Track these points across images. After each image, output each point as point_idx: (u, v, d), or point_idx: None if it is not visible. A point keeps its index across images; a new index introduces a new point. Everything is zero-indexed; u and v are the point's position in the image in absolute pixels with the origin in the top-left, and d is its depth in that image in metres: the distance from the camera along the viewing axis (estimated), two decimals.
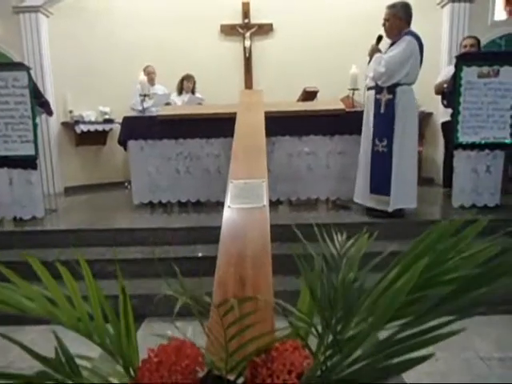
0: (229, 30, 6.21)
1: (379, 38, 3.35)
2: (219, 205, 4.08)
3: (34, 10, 5.04)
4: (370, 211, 3.50)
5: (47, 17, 5.26)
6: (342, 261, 1.01)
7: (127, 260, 2.97)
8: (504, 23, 5.23)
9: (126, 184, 5.55)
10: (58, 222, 3.67)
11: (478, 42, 4.16)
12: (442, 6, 5.27)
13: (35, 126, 3.43)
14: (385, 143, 3.24)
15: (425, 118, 5.46)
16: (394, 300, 0.75)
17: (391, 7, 3.26)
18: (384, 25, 3.29)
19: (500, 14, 5.22)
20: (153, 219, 3.72)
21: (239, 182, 2.41)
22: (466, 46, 4.09)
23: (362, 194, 3.54)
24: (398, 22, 3.22)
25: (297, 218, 3.58)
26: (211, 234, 3.14)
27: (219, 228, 2.94)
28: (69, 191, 5.45)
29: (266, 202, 2.28)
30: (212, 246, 3.10)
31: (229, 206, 2.23)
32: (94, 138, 5.73)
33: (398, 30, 3.23)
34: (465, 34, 5.02)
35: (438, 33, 5.29)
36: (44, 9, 5.13)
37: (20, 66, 3.54)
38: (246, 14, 6.12)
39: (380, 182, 3.30)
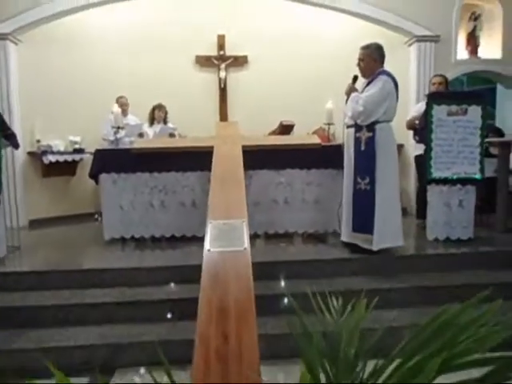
0: (204, 61, 6.25)
1: (355, 78, 3.42)
2: (195, 240, 3.97)
3: (3, 37, 4.89)
4: (347, 245, 3.48)
5: (16, 44, 5.11)
6: (341, 332, 0.94)
7: (96, 304, 2.77)
8: (466, 62, 5.54)
9: (96, 216, 5.33)
10: (21, 262, 3.43)
11: (446, 79, 4.35)
12: (409, 45, 5.53)
13: (0, 158, 3.23)
14: (367, 181, 3.21)
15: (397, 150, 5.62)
16: None
17: (365, 48, 3.35)
18: (359, 65, 3.36)
19: (462, 53, 5.53)
20: (124, 257, 3.54)
21: (218, 223, 2.32)
22: (434, 84, 4.28)
23: (348, 233, 3.45)
24: (373, 62, 3.31)
25: (275, 254, 3.50)
26: (187, 274, 3.02)
27: (195, 267, 2.81)
28: (34, 224, 5.16)
29: (246, 244, 2.20)
30: (188, 286, 2.98)
31: (208, 250, 2.14)
32: (63, 169, 5.50)
33: (373, 69, 3.31)
34: (431, 72, 5.27)
35: (406, 70, 5.52)
36: (13, 36, 4.98)
37: None
38: (221, 46, 6.18)
39: (363, 220, 3.25)
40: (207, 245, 2.14)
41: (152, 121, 5.31)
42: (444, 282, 3.08)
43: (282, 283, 3.12)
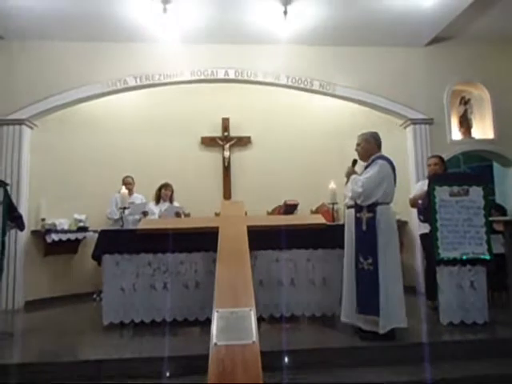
0: (209, 142, 6.52)
1: (354, 162, 3.58)
2: (197, 324, 3.79)
3: (19, 122, 5.15)
4: (358, 331, 3.32)
5: (31, 129, 5.37)
6: None
7: None
8: (460, 142, 5.77)
9: (95, 296, 5.16)
10: (12, 353, 3.20)
11: (442, 159, 4.47)
12: (405, 127, 5.81)
13: (3, 244, 3.21)
14: (370, 261, 3.21)
15: (401, 227, 5.61)
16: None
17: (362, 134, 3.56)
18: (357, 150, 3.55)
19: (456, 134, 5.79)
20: (124, 345, 3.33)
21: (225, 312, 2.24)
22: (430, 165, 4.39)
23: (349, 313, 3.40)
24: (369, 146, 3.49)
25: (282, 341, 3.31)
26: (191, 365, 2.83)
27: (199, 358, 2.64)
28: (30, 306, 4.96)
29: (255, 336, 2.10)
30: (192, 377, 2.77)
31: (215, 344, 2.04)
32: (65, 247, 5.45)
33: (370, 153, 3.48)
34: (428, 152, 5.47)
35: (405, 149, 5.75)
36: (29, 121, 5.26)
37: None
38: (225, 128, 6.49)
39: (367, 301, 3.19)
40: (214, 338, 2.04)
41: (158, 199, 5.39)
42: (466, 373, 2.86)
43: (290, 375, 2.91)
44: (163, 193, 5.38)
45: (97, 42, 5.34)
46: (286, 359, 3.04)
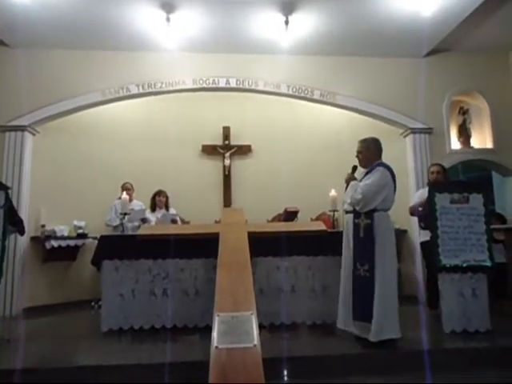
0: (210, 150, 6.55)
1: (354, 168, 3.58)
2: (196, 331, 3.76)
3: (21, 129, 5.18)
4: (359, 339, 3.29)
5: (33, 135, 5.39)
6: None
7: None
8: (459, 152, 5.79)
9: (93, 303, 5.11)
10: (8, 358, 3.15)
11: (444, 168, 4.49)
12: (405, 136, 5.84)
13: (3, 248, 3.20)
14: (366, 267, 3.22)
15: (400, 235, 5.60)
16: None
17: (363, 141, 3.54)
18: (357, 156, 3.54)
19: (456, 143, 5.82)
20: (122, 352, 3.29)
21: (226, 316, 2.22)
22: (433, 173, 4.41)
23: (344, 320, 3.40)
24: (370, 153, 3.48)
25: (283, 348, 3.27)
26: (189, 371, 2.80)
27: (198, 364, 2.61)
28: (28, 313, 4.90)
29: (256, 340, 2.09)
30: None
31: (216, 347, 2.02)
32: (64, 254, 5.43)
33: (371, 160, 3.47)
34: (428, 161, 5.50)
35: (404, 158, 5.77)
36: (31, 128, 5.28)
37: None
38: (226, 136, 6.54)
39: (362, 307, 3.19)
40: (215, 341, 2.03)
41: (154, 207, 5.36)
42: (469, 381, 2.83)
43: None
44: (158, 200, 5.36)
45: (99, 50, 5.40)
46: (287, 367, 3.01)
